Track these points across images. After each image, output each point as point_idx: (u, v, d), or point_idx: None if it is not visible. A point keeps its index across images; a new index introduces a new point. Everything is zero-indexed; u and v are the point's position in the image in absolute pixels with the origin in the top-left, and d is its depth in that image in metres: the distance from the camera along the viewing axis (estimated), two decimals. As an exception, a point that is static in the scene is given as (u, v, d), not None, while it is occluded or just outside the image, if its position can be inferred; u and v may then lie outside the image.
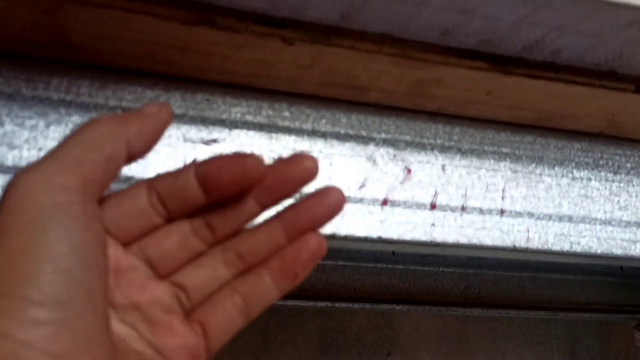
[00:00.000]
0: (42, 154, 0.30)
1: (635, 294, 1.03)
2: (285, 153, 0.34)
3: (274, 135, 0.34)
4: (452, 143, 0.38)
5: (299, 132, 0.35)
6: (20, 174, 0.23)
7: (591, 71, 0.35)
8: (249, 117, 0.34)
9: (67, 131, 0.31)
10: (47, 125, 0.31)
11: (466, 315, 1.20)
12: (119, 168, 0.25)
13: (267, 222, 0.27)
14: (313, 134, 0.35)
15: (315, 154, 0.35)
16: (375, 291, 0.90)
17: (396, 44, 0.32)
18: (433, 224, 0.35)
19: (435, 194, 0.36)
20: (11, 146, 0.30)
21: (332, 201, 0.26)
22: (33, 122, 0.30)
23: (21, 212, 0.22)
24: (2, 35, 0.29)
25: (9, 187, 0.23)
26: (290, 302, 0.85)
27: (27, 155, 0.30)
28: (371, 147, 0.36)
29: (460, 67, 0.33)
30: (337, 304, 0.88)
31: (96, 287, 0.23)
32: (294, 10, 0.30)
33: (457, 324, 1.32)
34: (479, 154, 0.38)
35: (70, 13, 0.27)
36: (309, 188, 0.26)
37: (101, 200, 0.25)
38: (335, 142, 0.35)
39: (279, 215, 0.27)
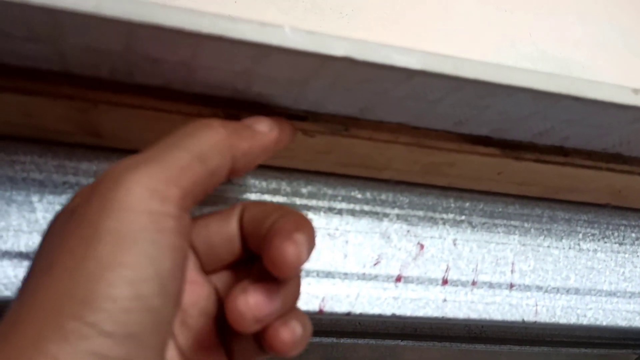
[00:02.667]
0: (71, 239, 0.31)
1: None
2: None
3: (292, 213, 0.36)
4: (463, 217, 0.39)
5: (316, 209, 0.36)
6: (121, 169, 0.20)
7: (599, 154, 0.36)
8: (268, 197, 0.35)
9: (95, 216, 0.32)
10: (77, 211, 0.32)
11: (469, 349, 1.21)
12: (216, 185, 0.23)
13: None
14: (329, 211, 0.36)
15: (331, 231, 0.36)
16: (379, 325, 0.91)
17: (411, 132, 0.33)
18: (445, 300, 0.37)
19: (447, 269, 0.37)
20: (43, 233, 0.31)
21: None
22: (63, 207, 0.32)
23: (115, 214, 0.19)
24: (34, 125, 0.31)
25: (105, 180, 0.20)
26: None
27: (57, 241, 0.31)
28: (385, 224, 0.37)
29: (473, 153, 0.34)
30: (342, 340, 0.89)
31: (167, 319, 0.20)
32: (315, 105, 0.31)
33: (459, 354, 1.33)
34: (489, 227, 0.39)
35: (103, 112, 0.29)
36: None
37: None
38: (350, 219, 0.37)
39: None
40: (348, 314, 0.35)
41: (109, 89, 0.28)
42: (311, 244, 0.23)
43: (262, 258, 0.22)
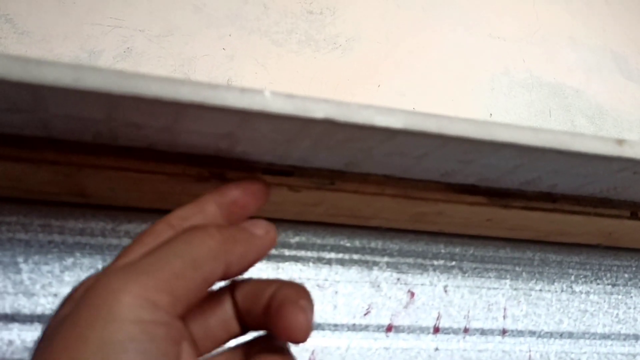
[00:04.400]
0: (57, 300, 0.31)
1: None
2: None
3: (280, 265, 0.35)
4: (454, 263, 0.39)
5: (304, 260, 0.36)
6: (112, 278, 0.20)
7: (587, 199, 0.36)
8: (257, 249, 0.35)
9: (82, 275, 0.32)
10: (62, 271, 0.32)
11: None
12: (209, 288, 0.23)
13: None
14: (318, 261, 0.36)
15: (321, 282, 0.36)
16: None
17: (398, 184, 0.33)
18: (437, 349, 0.36)
19: (439, 317, 0.37)
20: (28, 294, 0.31)
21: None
22: (49, 267, 0.32)
23: (104, 325, 0.19)
24: (20, 188, 0.31)
25: (96, 288, 0.20)
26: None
27: (44, 301, 0.31)
28: (375, 272, 0.37)
29: (460, 203, 0.34)
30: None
31: None
32: (300, 160, 0.31)
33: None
34: (480, 272, 0.39)
35: (87, 175, 0.29)
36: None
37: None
38: (340, 269, 0.36)
39: None
40: (339, 366, 0.34)
41: (93, 153, 0.28)
42: (313, 309, 0.24)
43: (272, 329, 0.23)
